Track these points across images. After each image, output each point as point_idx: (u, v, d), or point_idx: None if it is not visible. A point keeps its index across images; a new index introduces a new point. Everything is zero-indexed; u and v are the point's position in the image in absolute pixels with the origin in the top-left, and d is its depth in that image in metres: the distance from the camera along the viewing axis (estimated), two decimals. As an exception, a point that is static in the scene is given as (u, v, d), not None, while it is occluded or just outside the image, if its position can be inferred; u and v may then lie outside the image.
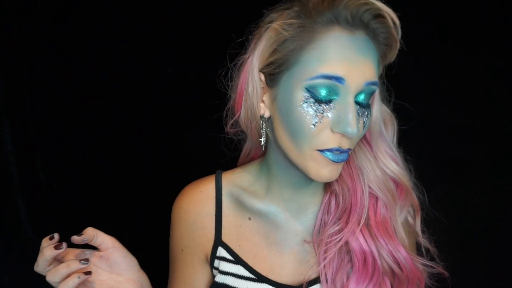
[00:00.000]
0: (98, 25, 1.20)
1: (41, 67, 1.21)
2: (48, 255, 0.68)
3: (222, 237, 0.83)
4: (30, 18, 1.18)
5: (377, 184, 0.79)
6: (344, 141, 0.69)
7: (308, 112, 0.68)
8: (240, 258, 0.82)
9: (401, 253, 0.77)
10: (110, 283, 0.74)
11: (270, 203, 0.82)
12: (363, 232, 0.77)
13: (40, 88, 1.21)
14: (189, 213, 0.85)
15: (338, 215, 0.79)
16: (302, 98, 0.68)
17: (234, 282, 0.81)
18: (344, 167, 0.80)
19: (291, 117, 0.69)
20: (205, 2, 1.17)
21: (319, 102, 0.67)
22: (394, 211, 0.80)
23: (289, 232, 0.82)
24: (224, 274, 0.82)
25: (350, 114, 0.67)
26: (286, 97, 0.70)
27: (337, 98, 0.68)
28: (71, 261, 0.69)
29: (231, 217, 0.84)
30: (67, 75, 1.22)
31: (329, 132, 0.68)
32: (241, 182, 0.85)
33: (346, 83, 0.66)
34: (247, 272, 0.81)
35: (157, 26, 1.22)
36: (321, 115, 0.67)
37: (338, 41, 0.66)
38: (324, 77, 0.66)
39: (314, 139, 0.69)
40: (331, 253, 0.77)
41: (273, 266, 0.81)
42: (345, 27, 0.67)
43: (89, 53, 1.21)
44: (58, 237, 0.69)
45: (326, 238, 0.78)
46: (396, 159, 0.81)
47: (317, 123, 0.68)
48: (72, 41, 1.21)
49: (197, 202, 0.85)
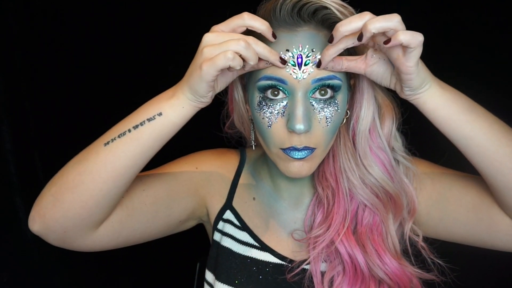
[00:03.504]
0: (97, 23, 1.20)
1: (40, 66, 1.21)
2: (247, 22, 0.63)
3: (233, 202, 0.86)
4: (30, 16, 1.18)
5: (361, 190, 0.78)
6: (301, 139, 0.69)
7: (264, 113, 0.70)
8: (246, 225, 0.85)
9: (387, 262, 0.77)
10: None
11: (272, 191, 0.86)
12: (349, 238, 0.77)
13: (39, 86, 1.21)
14: (215, 161, 0.88)
15: (325, 214, 0.80)
16: (257, 100, 0.71)
17: (238, 248, 0.83)
18: (329, 165, 0.80)
19: (255, 118, 0.73)
20: (205, 0, 1.17)
21: (273, 102, 0.70)
22: (385, 218, 0.79)
23: (288, 220, 0.85)
24: (228, 237, 0.85)
25: (297, 110, 0.67)
26: (250, 101, 0.74)
27: (289, 96, 0.69)
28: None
29: (241, 189, 0.87)
30: (66, 74, 1.21)
31: (285, 131, 0.70)
32: (255, 163, 0.89)
33: (289, 83, 0.67)
34: (251, 239, 0.84)
35: (157, 24, 1.22)
36: (276, 115, 0.70)
37: (279, 41, 0.67)
38: (267, 78, 0.69)
39: (273, 139, 0.71)
40: (317, 250, 0.78)
41: (274, 242, 0.84)
42: (287, 27, 0.68)
43: (89, 51, 1.21)
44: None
45: (313, 238, 0.79)
46: (385, 161, 0.78)
47: (272, 124, 0.70)
48: (72, 39, 1.21)
49: (221, 161, 0.88)
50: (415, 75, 0.63)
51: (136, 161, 0.69)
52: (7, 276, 1.16)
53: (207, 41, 0.63)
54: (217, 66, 0.61)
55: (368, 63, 0.68)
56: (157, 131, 0.68)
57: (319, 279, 0.78)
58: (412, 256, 0.80)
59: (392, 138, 0.79)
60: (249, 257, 0.83)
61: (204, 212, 0.88)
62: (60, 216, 0.69)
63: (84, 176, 0.68)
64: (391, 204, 0.78)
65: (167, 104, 0.67)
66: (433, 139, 0.75)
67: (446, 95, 0.66)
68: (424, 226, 0.80)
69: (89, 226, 0.72)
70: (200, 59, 0.63)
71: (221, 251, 0.85)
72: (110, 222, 0.74)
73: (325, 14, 0.67)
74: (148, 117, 0.68)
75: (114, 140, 0.68)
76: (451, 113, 0.66)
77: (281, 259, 0.82)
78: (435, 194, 0.78)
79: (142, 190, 0.78)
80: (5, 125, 1.15)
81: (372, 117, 0.76)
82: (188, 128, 0.70)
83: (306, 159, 0.71)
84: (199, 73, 0.63)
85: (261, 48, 0.64)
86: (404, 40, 0.58)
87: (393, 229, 0.79)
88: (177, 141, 0.71)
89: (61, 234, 0.71)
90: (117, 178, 0.69)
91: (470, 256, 0.84)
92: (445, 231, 0.79)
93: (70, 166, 0.71)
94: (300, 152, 0.70)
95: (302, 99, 0.68)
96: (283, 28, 0.68)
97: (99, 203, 0.69)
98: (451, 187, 0.77)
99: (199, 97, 0.66)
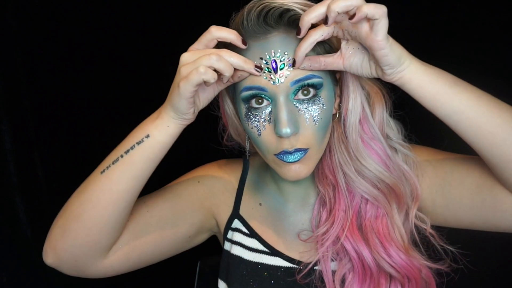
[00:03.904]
0: (97, 22, 1.20)
1: (40, 65, 1.21)
2: (215, 35, 0.66)
3: (240, 211, 0.87)
4: (29, 16, 1.18)
5: (359, 183, 0.78)
6: (291, 142, 0.70)
7: (252, 123, 0.72)
8: (255, 231, 0.85)
9: (393, 255, 0.76)
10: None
11: (278, 195, 0.87)
12: (354, 234, 0.77)
13: (39, 86, 1.21)
14: (216, 172, 0.89)
15: (329, 211, 0.81)
16: (244, 111, 0.72)
17: (249, 255, 0.84)
18: (327, 162, 0.80)
19: (245, 129, 0.74)
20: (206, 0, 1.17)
21: (258, 111, 0.71)
22: (389, 209, 0.78)
23: (296, 222, 0.85)
24: (238, 245, 0.85)
25: (280, 115, 0.68)
26: (238, 113, 0.75)
27: (272, 102, 0.70)
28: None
29: (247, 196, 0.88)
30: (66, 73, 1.21)
31: (275, 136, 0.71)
32: (259, 169, 0.90)
33: (269, 89, 0.69)
34: (261, 245, 0.84)
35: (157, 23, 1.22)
36: (263, 123, 0.71)
37: (252, 51, 0.69)
38: (248, 89, 0.70)
39: (266, 146, 0.72)
40: (324, 248, 0.79)
41: (283, 246, 0.84)
42: (257, 37, 0.69)
43: (89, 51, 1.21)
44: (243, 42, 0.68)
45: (321, 235, 0.79)
46: (379, 151, 0.77)
47: (261, 132, 0.72)
48: (72, 39, 1.21)
49: (223, 171, 0.90)
50: (389, 49, 0.63)
51: (132, 184, 0.72)
52: (6, 276, 1.15)
53: (183, 60, 0.67)
54: (192, 82, 0.64)
55: (344, 55, 0.68)
56: (147, 153, 0.71)
57: (330, 278, 0.78)
58: (422, 246, 0.79)
59: (385, 125, 0.78)
60: (260, 263, 0.83)
61: (213, 223, 0.89)
62: (69, 246, 0.73)
63: (85, 205, 0.72)
64: (392, 195, 0.78)
65: (153, 126, 0.71)
66: (432, 125, 0.74)
67: (428, 71, 0.66)
68: (432, 214, 0.79)
69: (98, 252, 0.75)
70: (178, 78, 0.66)
71: (232, 259, 0.85)
72: (119, 247, 0.77)
73: (291, 16, 0.68)
74: (137, 140, 0.71)
75: (109, 167, 0.72)
76: (438, 87, 0.66)
77: (291, 261, 0.82)
78: (438, 180, 0.77)
79: (146, 211, 0.80)
80: (5, 124, 1.15)
81: (361, 107, 0.76)
82: (191, 146, 0.71)
83: (301, 161, 0.71)
84: (177, 91, 0.66)
85: (235, 58, 0.66)
86: (368, 11, 0.59)
87: (398, 219, 0.78)
88: (180, 159, 0.73)
89: (73, 263, 0.75)
90: (116, 203, 0.72)
91: (481, 239, 0.83)
92: (452, 217, 0.77)
93: (73, 197, 0.75)
94: (292, 155, 0.70)
95: (285, 103, 0.69)
96: (254, 37, 0.69)
97: (102, 229, 0.73)
98: (453, 171, 0.76)
99: (181, 114, 0.69)
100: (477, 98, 0.66)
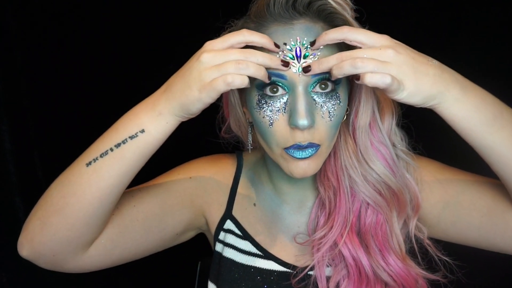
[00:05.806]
0: (97, 21, 1.20)
1: (39, 65, 1.21)
2: (247, 38, 0.63)
3: (233, 211, 0.84)
4: (29, 15, 1.18)
5: (363, 187, 0.76)
6: (305, 136, 0.67)
7: (264, 112, 0.68)
8: (248, 233, 0.82)
9: (391, 263, 0.75)
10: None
11: (274, 195, 0.84)
12: (353, 240, 0.76)
13: (38, 85, 1.21)
14: (210, 168, 0.85)
15: (327, 215, 0.79)
16: (256, 99, 0.69)
17: (241, 258, 0.81)
18: (330, 164, 0.78)
19: (254, 119, 0.70)
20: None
21: (272, 99, 0.67)
22: (389, 216, 0.77)
23: (292, 225, 0.83)
24: (230, 247, 0.82)
25: (299, 105, 0.65)
26: (248, 100, 0.71)
27: (289, 92, 0.67)
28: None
29: (241, 195, 0.85)
30: (66, 73, 1.21)
31: (288, 128, 0.68)
32: (254, 166, 0.86)
33: (289, 77, 0.66)
34: (254, 248, 0.82)
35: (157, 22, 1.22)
36: (277, 112, 0.67)
37: (275, 35, 0.66)
38: None
39: (276, 138, 0.68)
40: (321, 253, 0.77)
41: (277, 249, 0.82)
42: (282, 21, 0.67)
43: (88, 50, 1.21)
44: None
45: (318, 239, 0.78)
46: (386, 156, 0.76)
47: (273, 122, 0.68)
48: (71, 38, 1.21)
49: (217, 167, 0.86)
50: (412, 98, 0.62)
51: (121, 179, 0.67)
52: (6, 276, 1.15)
53: (205, 62, 0.62)
54: (218, 91, 0.61)
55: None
56: (140, 149, 0.66)
57: (324, 284, 0.76)
58: (419, 255, 0.79)
59: (392, 132, 0.77)
60: (253, 267, 0.81)
61: (202, 222, 0.86)
62: (48, 240, 0.68)
63: (68, 198, 0.67)
64: (394, 201, 0.77)
65: (149, 120, 0.66)
66: (439, 135, 0.73)
67: (467, 106, 0.63)
68: (433, 228, 0.78)
69: (78, 248, 0.70)
70: (198, 82, 0.62)
71: (224, 262, 0.83)
72: (101, 242, 0.72)
73: (320, 5, 0.66)
74: (130, 134, 0.66)
75: (96, 160, 0.67)
76: (472, 124, 0.63)
77: (285, 266, 0.80)
78: (447, 197, 0.76)
79: (133, 206, 0.76)
80: (4, 124, 1.15)
81: (372, 111, 0.74)
82: (183, 137, 0.69)
83: (311, 158, 0.68)
84: (197, 96, 0.62)
85: (261, 58, 0.63)
86: (370, 83, 0.59)
87: (397, 227, 0.77)
88: (172, 151, 0.70)
89: (51, 257, 0.70)
90: (103, 198, 0.67)
91: (478, 252, 0.83)
92: (456, 234, 0.76)
93: (53, 188, 0.69)
94: (303, 151, 0.68)
95: (304, 94, 0.65)
96: (279, 22, 0.67)
97: (86, 224, 0.68)
98: (464, 191, 0.75)
99: (190, 114, 0.65)
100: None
